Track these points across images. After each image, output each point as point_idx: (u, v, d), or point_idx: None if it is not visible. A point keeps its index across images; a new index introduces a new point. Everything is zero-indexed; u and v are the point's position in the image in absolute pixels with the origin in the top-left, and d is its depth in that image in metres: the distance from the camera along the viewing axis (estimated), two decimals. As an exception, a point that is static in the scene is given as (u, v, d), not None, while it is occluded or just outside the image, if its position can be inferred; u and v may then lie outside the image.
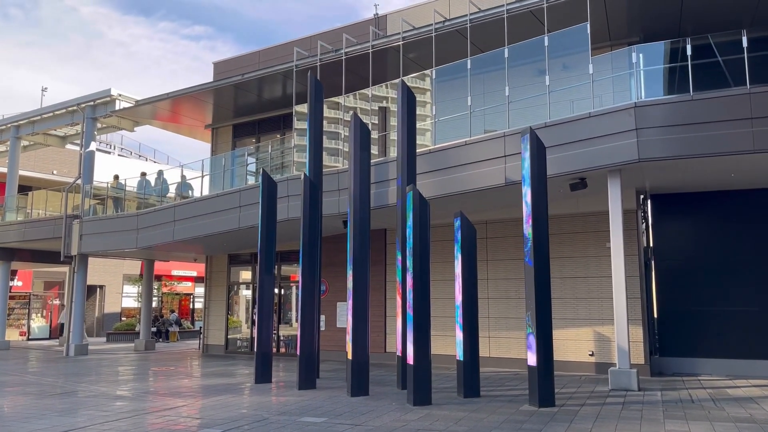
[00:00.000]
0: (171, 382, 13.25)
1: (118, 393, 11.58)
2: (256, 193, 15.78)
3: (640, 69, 12.01)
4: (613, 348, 13.05)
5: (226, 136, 21.32)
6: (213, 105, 19.99)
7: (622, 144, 11.11)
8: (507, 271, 15.04)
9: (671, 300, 13.93)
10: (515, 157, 11.97)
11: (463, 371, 10.21)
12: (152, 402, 10.41)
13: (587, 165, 11.50)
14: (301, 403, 9.90)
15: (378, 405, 9.62)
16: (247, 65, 19.94)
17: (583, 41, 12.13)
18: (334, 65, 15.94)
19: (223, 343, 20.35)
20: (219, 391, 11.43)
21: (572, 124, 11.74)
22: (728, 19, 12.70)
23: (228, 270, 20.80)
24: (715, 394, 10.44)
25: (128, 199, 21.66)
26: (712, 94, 10.77)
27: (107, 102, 21.22)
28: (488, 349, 14.75)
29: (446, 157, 13.05)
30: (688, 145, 10.76)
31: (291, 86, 17.72)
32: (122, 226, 19.41)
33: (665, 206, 14.28)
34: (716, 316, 13.39)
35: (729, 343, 13.17)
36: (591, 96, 11.90)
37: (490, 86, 13.80)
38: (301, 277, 11.55)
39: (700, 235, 13.98)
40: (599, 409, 9.11)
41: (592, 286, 14.06)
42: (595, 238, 14.11)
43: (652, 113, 11.06)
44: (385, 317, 16.70)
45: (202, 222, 17.02)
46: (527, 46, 13.01)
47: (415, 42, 14.79)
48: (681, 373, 13.28)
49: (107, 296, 34.06)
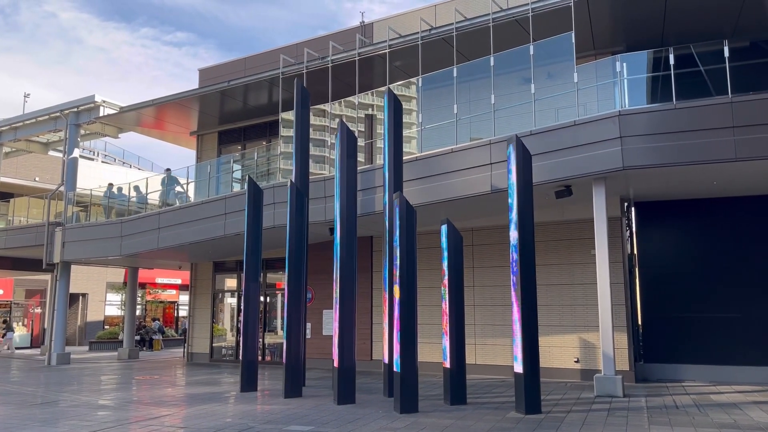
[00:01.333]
0: (155, 391, 13.11)
1: (101, 402, 11.43)
2: (241, 201, 15.70)
3: (623, 78, 12.16)
4: (598, 355, 13.13)
5: (211, 142, 21.22)
6: (198, 112, 19.90)
7: (607, 152, 11.21)
8: (493, 278, 15.07)
9: (655, 307, 14.04)
10: (501, 164, 12.03)
11: (450, 378, 10.20)
12: (136, 411, 10.29)
13: (572, 173, 11.58)
14: (287, 412, 9.83)
15: (365, 413, 9.58)
16: (232, 72, 19.89)
17: (568, 50, 12.26)
18: (321, 73, 15.94)
19: (207, 351, 20.18)
20: (204, 400, 11.32)
21: (557, 132, 11.84)
22: (710, 29, 12.89)
23: (213, 278, 20.66)
24: (699, 400, 10.52)
25: (112, 207, 21.48)
26: (695, 103, 10.92)
27: (91, 108, 21.06)
28: (474, 356, 14.76)
29: (433, 165, 13.09)
30: (671, 153, 10.88)
31: (277, 93, 17.68)
32: (106, 234, 19.23)
33: (649, 214, 14.43)
34: (700, 322, 13.52)
35: (712, 350, 13.30)
36: (576, 104, 12.00)
37: (476, 94, 13.87)
38: (287, 284, 11.50)
39: (683, 243, 14.13)
40: (585, 415, 9.14)
41: (577, 293, 14.13)
42: (580, 246, 14.20)
43: (636, 121, 11.18)
44: (372, 325, 16.66)
45: (188, 229, 16.91)
46: (513, 55, 13.11)
47: (402, 50, 14.84)
48: (665, 379, 13.38)
49: (90, 304, 33.66)
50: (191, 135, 21.63)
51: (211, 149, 21.10)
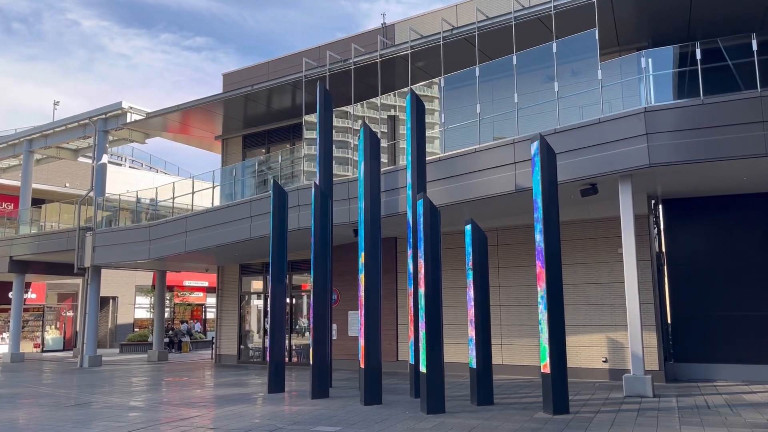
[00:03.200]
0: (184, 392, 13.29)
1: (132, 404, 11.63)
2: (266, 203, 15.84)
3: (649, 74, 12.00)
4: (627, 354, 12.98)
5: (236, 146, 21.45)
6: (223, 116, 20.14)
7: (633, 149, 11.08)
8: (519, 278, 14.99)
9: (685, 305, 13.83)
10: (525, 163, 11.96)
11: (476, 379, 10.17)
12: (166, 412, 10.45)
13: (598, 171, 11.46)
14: (315, 413, 9.90)
15: (391, 413, 9.60)
16: (256, 76, 20.08)
17: (592, 47, 12.13)
18: (343, 75, 16.03)
19: (235, 353, 20.39)
20: (232, 401, 11.45)
21: (582, 129, 11.73)
22: (737, 22, 12.65)
23: (239, 280, 20.87)
24: (731, 400, 10.34)
25: (140, 211, 21.86)
26: (723, 98, 10.72)
27: (118, 115, 21.45)
28: (501, 357, 14.69)
29: (456, 165, 13.06)
30: (699, 149, 10.71)
31: (300, 96, 17.82)
32: (134, 238, 19.54)
33: (677, 211, 14.21)
34: (731, 321, 13.27)
35: (744, 349, 13.04)
36: (600, 101, 11.88)
37: (499, 93, 13.82)
38: (312, 286, 11.57)
39: (712, 240, 13.88)
40: (614, 416, 9.05)
41: (604, 292, 13.98)
42: (606, 244, 14.05)
43: (663, 118, 11.02)
44: (397, 325, 16.68)
45: (214, 232, 17.11)
46: (535, 53, 13.03)
47: (423, 50, 14.84)
48: (696, 379, 13.16)
49: (120, 307, 34.24)
50: (216, 139, 21.89)
51: (236, 153, 21.32)
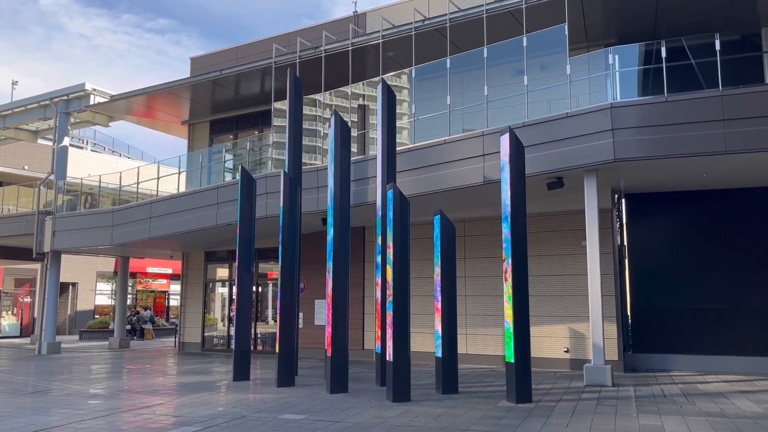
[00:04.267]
0: (147, 380, 13.13)
1: (93, 391, 11.44)
2: (234, 190, 15.69)
3: (615, 70, 12.20)
4: (588, 345, 13.28)
5: (203, 132, 21.14)
6: (190, 101, 19.81)
7: (599, 144, 11.29)
8: (484, 269, 15.17)
9: (644, 297, 14.19)
10: (494, 156, 12.10)
11: (442, 368, 10.29)
12: (128, 400, 10.31)
13: (564, 164, 11.66)
14: (280, 401, 9.89)
15: (357, 402, 9.66)
16: (224, 61, 19.79)
17: (561, 42, 12.28)
18: (314, 62, 15.91)
19: (199, 340, 20.19)
20: (196, 389, 11.35)
21: (550, 124, 11.90)
22: (701, 22, 12.94)
23: (204, 267, 20.64)
24: (686, 390, 10.68)
25: (103, 196, 21.45)
26: (686, 96, 10.99)
27: (81, 96, 20.91)
28: (465, 346, 14.87)
29: (425, 156, 13.12)
30: (662, 145, 10.96)
31: (269, 83, 17.64)
32: (97, 223, 19.15)
33: (639, 205, 14.54)
34: (687, 313, 13.68)
35: (700, 340, 13.47)
36: (568, 96, 12.05)
37: (469, 86, 13.90)
38: (280, 274, 11.52)
39: (672, 234, 14.26)
40: (575, 404, 9.26)
41: (567, 283, 14.25)
42: (571, 237, 14.30)
43: (628, 114, 11.25)
44: (364, 314, 16.73)
45: (180, 219, 16.88)
46: (506, 46, 13.13)
47: (395, 40, 14.81)
48: (653, 369, 13.55)
49: (80, 294, 33.55)
50: (183, 124, 21.54)
51: (202, 138, 21.03)
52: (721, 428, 7.49)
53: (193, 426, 7.98)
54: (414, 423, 7.97)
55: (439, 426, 7.77)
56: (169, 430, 7.82)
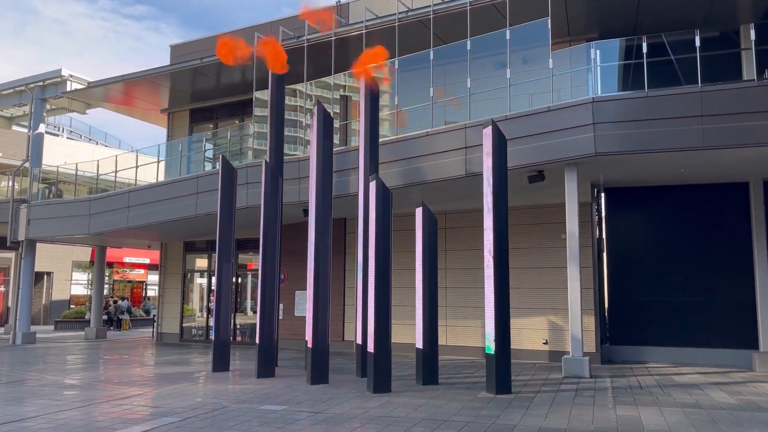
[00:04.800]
0: (124, 370, 12.99)
1: (70, 382, 11.29)
2: (214, 180, 15.55)
3: (597, 65, 12.27)
4: (566, 337, 13.43)
5: (182, 121, 20.89)
6: (170, 89, 19.54)
7: (580, 138, 11.37)
8: (465, 261, 15.22)
9: (621, 290, 14.36)
10: (476, 148, 12.13)
11: (423, 359, 10.32)
12: (105, 391, 10.19)
13: (546, 158, 11.73)
14: (261, 392, 9.85)
15: (338, 393, 9.65)
16: (205, 49, 19.48)
17: (544, 36, 12.32)
18: (296, 52, 15.72)
19: (177, 331, 20.03)
20: (175, 380, 11.26)
21: (532, 117, 11.95)
22: (682, 19, 13.06)
23: (183, 258, 20.45)
24: (662, 381, 10.85)
25: (79, 184, 21.13)
26: (666, 92, 11.11)
27: (58, 83, 20.53)
28: (446, 338, 14.94)
29: (408, 148, 13.11)
30: (642, 140, 11.07)
31: (251, 72, 17.46)
32: (74, 212, 18.86)
33: (618, 200, 14.69)
34: (664, 306, 13.88)
35: (675, 332, 13.67)
36: (551, 90, 12.12)
37: (452, 78, 13.91)
38: (261, 264, 11.45)
39: (650, 228, 14.43)
40: (554, 395, 9.36)
41: (547, 276, 14.36)
42: (550, 230, 14.40)
43: (609, 108, 11.34)
44: (344, 306, 16.71)
45: (158, 208, 16.69)
46: (489, 39, 13.14)
47: (378, 31, 14.73)
48: (630, 360, 13.74)
49: (55, 283, 33.04)
50: (162, 112, 21.25)
51: (182, 127, 20.77)
52: (696, 419, 7.62)
53: (171, 417, 7.92)
54: (395, 414, 7.99)
55: (420, 416, 7.80)
56: (148, 421, 7.75)
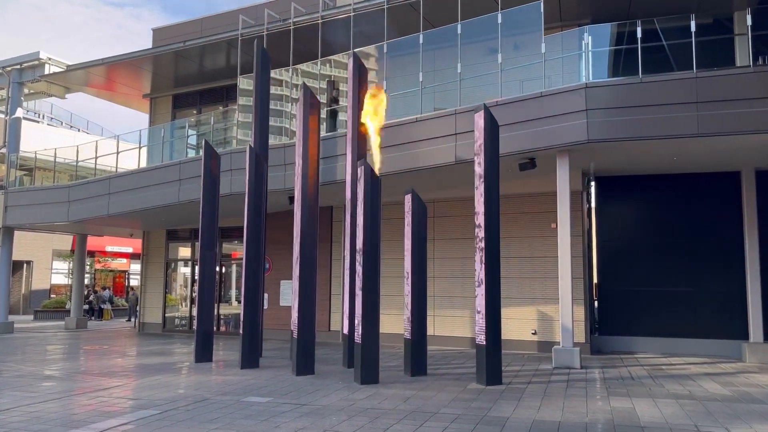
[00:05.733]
0: (104, 361, 12.63)
1: (47, 373, 10.93)
2: (197, 166, 15.20)
3: (589, 50, 12.03)
4: (555, 327, 13.28)
5: (165, 106, 20.41)
6: (152, 73, 19.07)
7: (572, 125, 11.14)
8: (453, 250, 14.99)
9: (611, 280, 14.21)
10: (466, 135, 11.90)
11: (411, 350, 10.08)
12: (84, 382, 9.85)
13: (537, 145, 11.50)
14: (245, 383, 9.56)
15: (324, 384, 9.39)
16: (188, 33, 19.04)
17: (536, 20, 12.05)
18: (282, 36, 15.37)
19: (160, 321, 19.65)
20: (156, 371, 10.94)
21: (524, 103, 11.70)
22: (675, 4, 12.84)
23: (166, 246, 20.04)
24: (653, 372, 10.71)
25: (59, 171, 20.65)
26: (660, 78, 10.90)
27: (35, 66, 19.96)
28: (433, 328, 14.72)
29: (397, 134, 12.82)
30: (635, 127, 10.87)
31: (235, 56, 17.07)
32: (53, 198, 18.37)
33: (609, 189, 14.51)
34: (653, 296, 13.75)
35: (664, 323, 13.56)
36: (543, 76, 11.87)
37: (441, 63, 13.61)
38: (245, 253, 11.12)
39: (640, 218, 14.28)
40: (545, 386, 9.17)
41: (536, 266, 14.18)
42: (540, 219, 14.20)
43: (602, 95, 11.12)
44: (330, 295, 16.44)
45: (140, 195, 16.27)
46: (480, 23, 12.84)
47: (366, 14, 14.38)
48: (619, 351, 13.61)
49: (35, 272, 32.44)
50: (144, 98, 20.76)
51: (164, 113, 20.30)
52: (691, 410, 7.46)
53: (151, 409, 7.62)
54: (383, 405, 7.75)
55: (410, 409, 7.56)
56: (126, 413, 7.44)
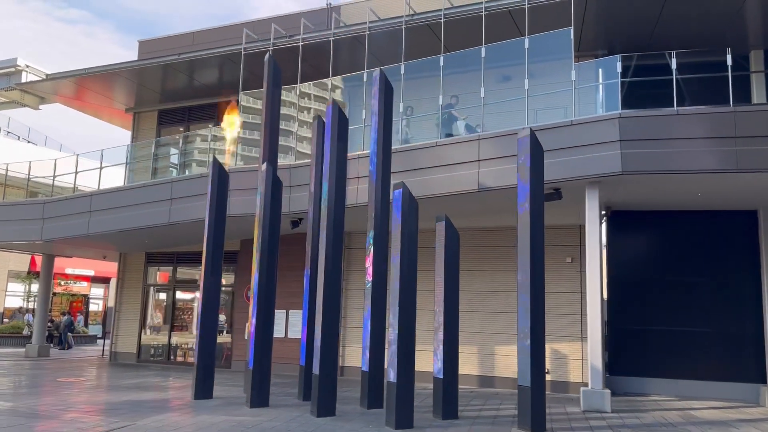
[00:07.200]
0: (89, 396, 11.35)
1: (23, 409, 9.62)
2: (190, 185, 14.43)
3: (613, 81, 11.65)
4: (569, 365, 12.77)
5: (149, 121, 19.33)
6: (138, 86, 18.03)
7: (605, 155, 10.71)
8: (482, 283, 14.17)
9: (622, 319, 13.68)
10: (489, 162, 11.48)
11: (442, 391, 9.26)
12: (77, 423, 8.65)
13: (566, 175, 11.00)
14: (264, 426, 8.53)
15: (352, 428, 8.47)
16: (177, 47, 18.16)
17: (565, 47, 11.71)
18: (287, 52, 14.62)
19: (134, 350, 18.22)
20: (154, 410, 9.77)
21: (552, 131, 11.21)
22: (693, 41, 12.69)
23: (145, 270, 18.72)
24: (687, 417, 10.16)
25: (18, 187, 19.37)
26: (697, 110, 10.61)
27: (11, 73, 18.72)
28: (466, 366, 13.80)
29: (414, 159, 12.20)
30: (671, 160, 10.49)
31: (229, 72, 16.33)
32: (23, 215, 16.97)
33: (620, 224, 14.05)
34: (666, 336, 13.29)
35: (678, 364, 13.07)
36: (573, 103, 11.50)
37: (459, 87, 13.15)
38: (257, 280, 10.16)
39: (652, 254, 13.86)
40: (593, 433, 8.48)
41: (548, 301, 13.53)
42: (552, 253, 13.59)
43: (635, 126, 10.74)
44: (345, 328, 15.32)
45: (125, 214, 15.11)
46: (502, 48, 12.45)
47: (380, 34, 13.82)
48: (630, 392, 13.02)
49: (-13, 294, 30.27)
50: (127, 112, 19.62)
51: (148, 129, 19.22)
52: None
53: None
54: (435, 456, 6.91)
55: (467, 460, 6.75)
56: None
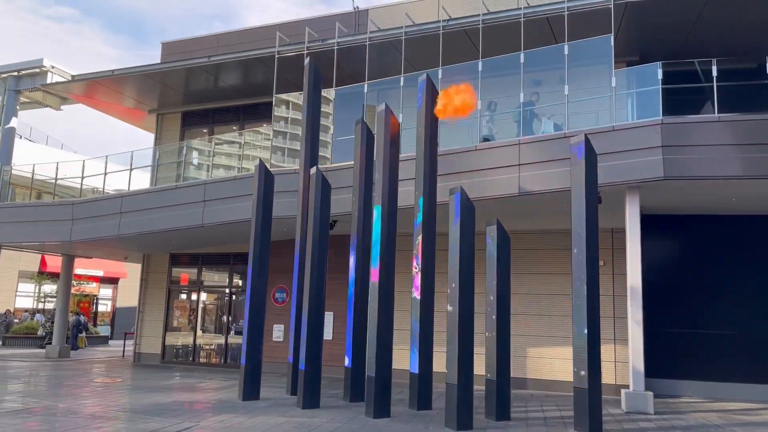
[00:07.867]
0: (139, 398, 11.25)
1: (90, 410, 9.66)
2: (223, 187, 14.61)
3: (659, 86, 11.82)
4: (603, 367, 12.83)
5: (173, 123, 19.37)
6: (163, 87, 18.04)
7: (647, 160, 10.88)
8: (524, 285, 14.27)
9: (655, 321, 13.85)
10: (529, 166, 11.68)
11: (496, 392, 9.39)
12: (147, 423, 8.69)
13: (608, 180, 11.12)
14: (324, 427, 8.62)
15: (413, 429, 8.58)
16: (201, 48, 18.28)
17: (601, 52, 11.91)
18: (321, 56, 14.72)
19: (159, 351, 18.25)
20: (214, 409, 9.85)
21: (594, 136, 11.33)
22: (725, 48, 12.88)
23: (169, 271, 18.74)
24: (729, 419, 10.31)
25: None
26: (740, 117, 10.77)
27: (36, 74, 18.69)
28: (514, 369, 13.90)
29: (453, 163, 12.31)
30: (713, 165, 10.66)
31: (254, 75, 16.45)
32: (52, 215, 16.96)
33: (652, 227, 14.19)
34: (695, 338, 13.47)
35: (707, 366, 13.25)
36: (613, 109, 11.65)
37: (496, 92, 13.31)
38: (308, 281, 10.26)
39: (683, 258, 14.06)
40: (648, 435, 8.62)
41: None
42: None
43: (677, 131, 10.91)
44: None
45: (157, 216, 15.16)
46: (540, 54, 12.61)
47: (415, 39, 13.94)
48: (663, 394, 13.15)
49: (-2, 294, 30.16)
50: (150, 113, 19.65)
51: (173, 130, 19.25)
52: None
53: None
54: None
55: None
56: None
